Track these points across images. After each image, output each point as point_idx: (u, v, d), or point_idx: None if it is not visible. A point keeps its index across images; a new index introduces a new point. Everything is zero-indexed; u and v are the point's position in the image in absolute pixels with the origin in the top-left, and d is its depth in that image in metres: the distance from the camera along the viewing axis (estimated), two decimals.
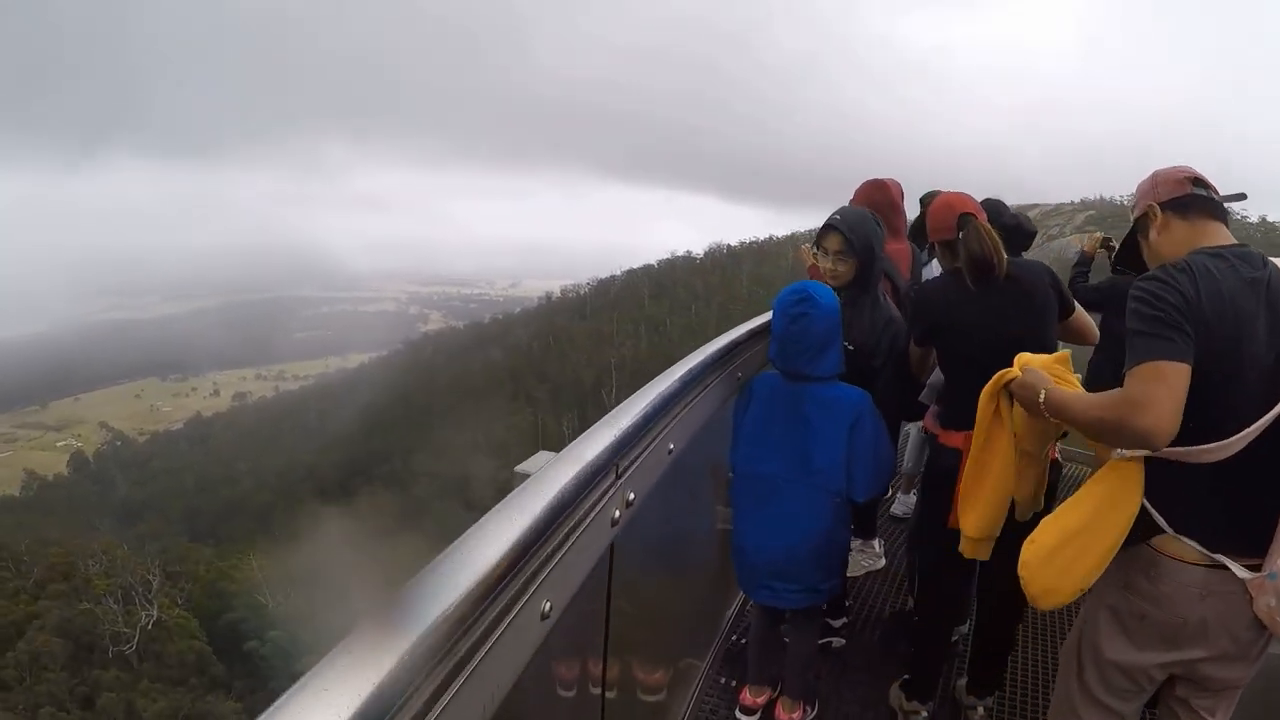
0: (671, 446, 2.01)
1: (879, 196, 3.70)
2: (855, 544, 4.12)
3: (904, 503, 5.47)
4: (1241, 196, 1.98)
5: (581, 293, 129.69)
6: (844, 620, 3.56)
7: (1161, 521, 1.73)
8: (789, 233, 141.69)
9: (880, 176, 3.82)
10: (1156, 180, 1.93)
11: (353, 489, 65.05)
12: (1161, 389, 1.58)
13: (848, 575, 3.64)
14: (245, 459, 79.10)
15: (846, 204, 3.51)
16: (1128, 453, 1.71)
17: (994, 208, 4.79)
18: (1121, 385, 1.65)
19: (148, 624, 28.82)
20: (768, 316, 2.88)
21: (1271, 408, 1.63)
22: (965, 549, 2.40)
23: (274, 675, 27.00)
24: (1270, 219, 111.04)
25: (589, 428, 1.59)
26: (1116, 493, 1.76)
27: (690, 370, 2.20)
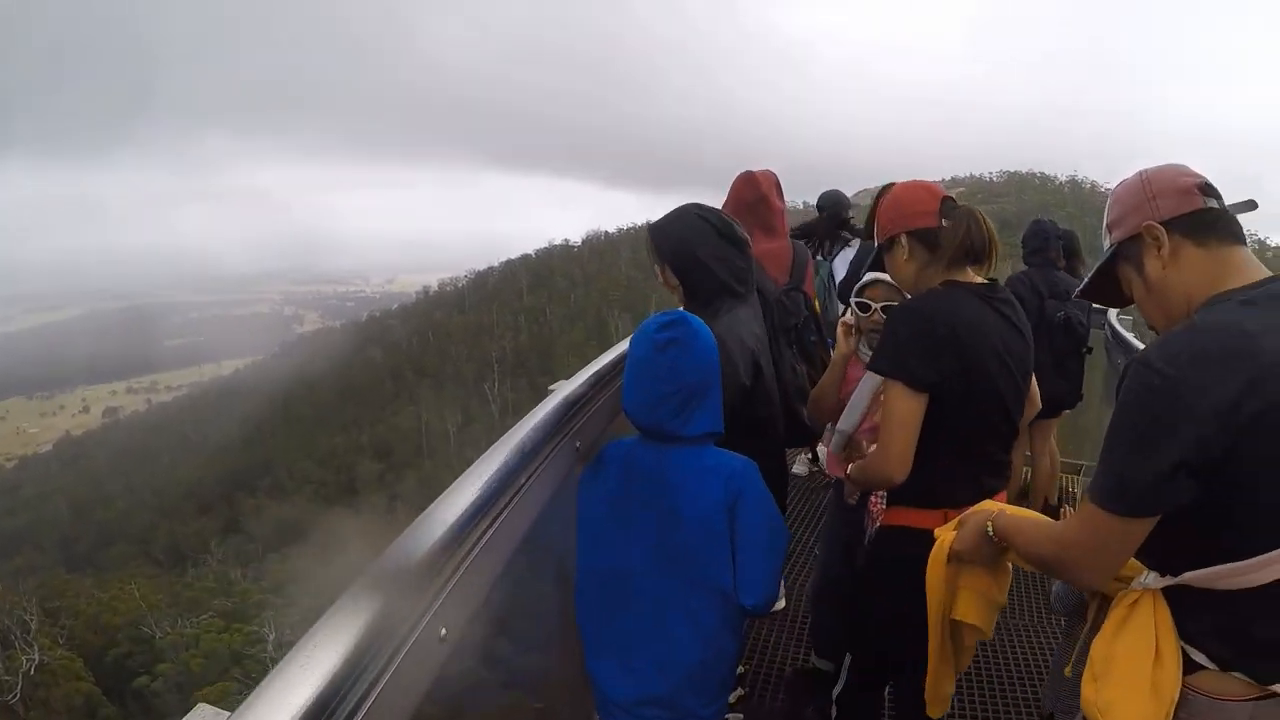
0: (492, 571, 1.59)
1: (747, 192, 3.29)
2: None
3: (803, 463, 5.17)
4: (1251, 205, 1.48)
5: (460, 286, 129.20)
6: (739, 692, 3.10)
7: (1201, 657, 1.33)
8: None
9: (753, 168, 3.39)
10: (1151, 186, 1.43)
11: (236, 503, 64.24)
12: (1106, 545, 1.31)
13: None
14: (120, 479, 76.51)
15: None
16: (1151, 582, 1.37)
17: (834, 200, 5.25)
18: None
19: (30, 669, 26.93)
20: (614, 354, 2.57)
21: None
22: (934, 712, 2.08)
23: (169, 712, 25.92)
24: (1079, 177, 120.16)
25: (406, 533, 1.31)
26: (1148, 634, 1.36)
27: (511, 458, 1.75)
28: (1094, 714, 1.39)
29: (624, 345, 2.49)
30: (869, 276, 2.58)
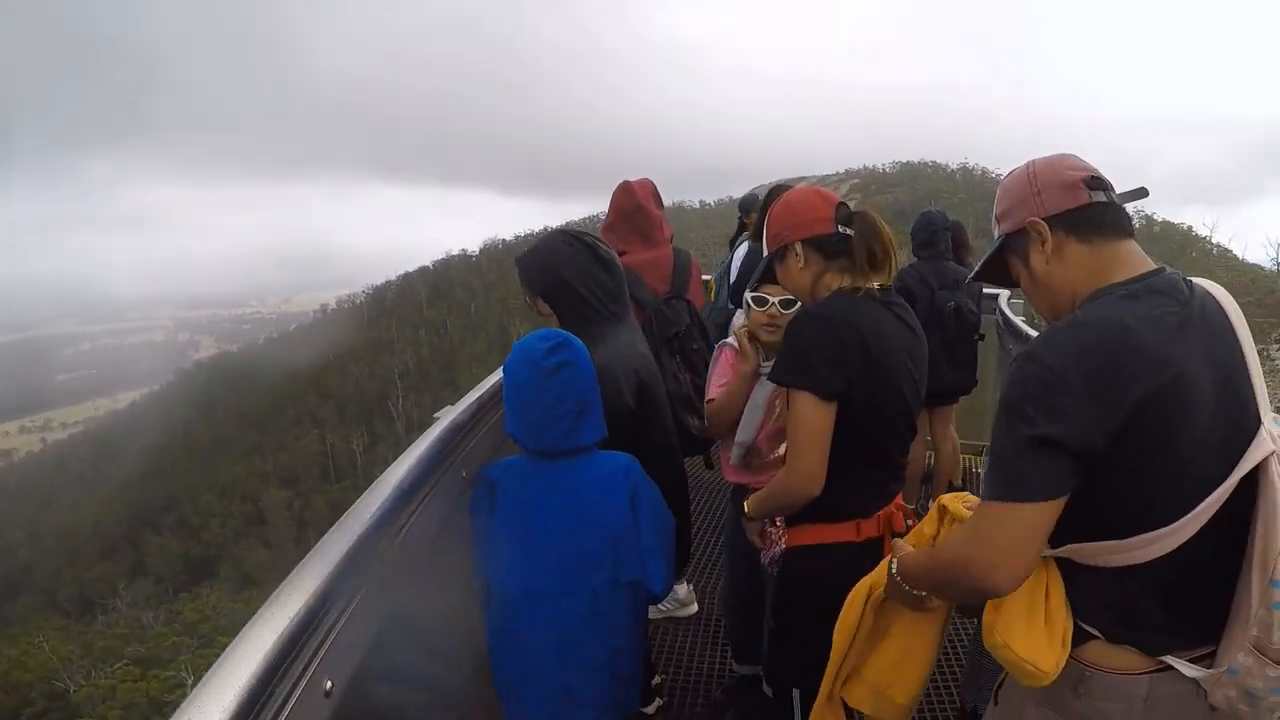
0: (377, 614, 1.52)
1: (625, 201, 3.36)
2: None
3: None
4: (1142, 193, 1.44)
5: (358, 302, 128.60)
6: (658, 702, 3.09)
7: (1093, 629, 1.38)
8: (564, 221, 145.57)
9: (632, 177, 3.43)
10: (1037, 179, 1.44)
11: (141, 543, 63.55)
12: (1015, 536, 1.29)
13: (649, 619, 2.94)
14: (19, 525, 74.52)
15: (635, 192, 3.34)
16: (1047, 550, 1.37)
17: (749, 200, 5.39)
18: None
19: None
20: (496, 378, 2.48)
21: (1219, 481, 1.28)
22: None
23: None
24: (970, 164, 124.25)
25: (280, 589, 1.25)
26: (1039, 595, 1.40)
27: (395, 493, 1.68)
28: (993, 633, 1.40)
29: (489, 382, 2.56)
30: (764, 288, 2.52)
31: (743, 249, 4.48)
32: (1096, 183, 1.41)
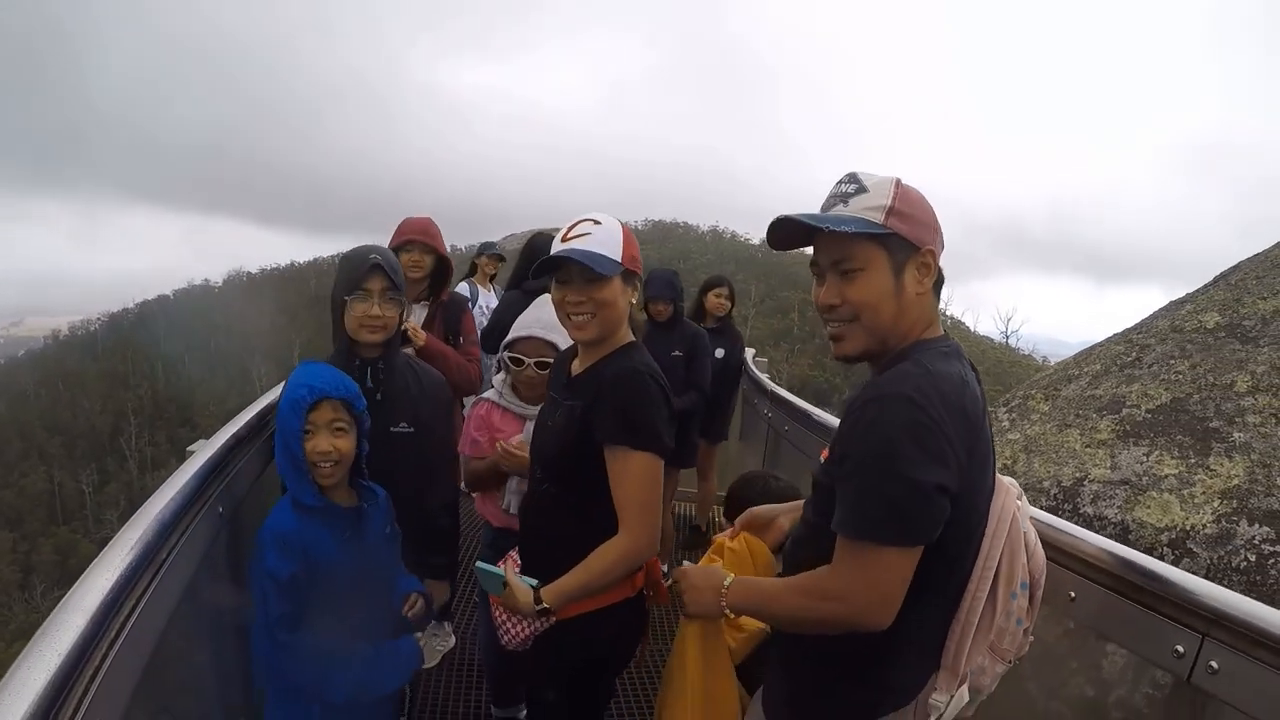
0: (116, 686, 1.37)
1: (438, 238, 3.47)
2: (429, 628, 3.59)
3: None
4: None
5: (92, 329, 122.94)
6: None
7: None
8: (312, 257, 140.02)
9: (414, 213, 3.44)
10: (936, 222, 1.48)
11: None
12: (891, 578, 1.34)
13: (424, 667, 3.25)
14: None
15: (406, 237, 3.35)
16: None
17: (487, 245, 6.23)
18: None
19: None
20: (254, 411, 2.56)
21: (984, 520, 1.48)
22: None
23: None
24: (720, 228, 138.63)
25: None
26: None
27: (149, 534, 1.62)
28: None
29: (266, 400, 2.59)
30: (522, 332, 2.56)
31: (490, 296, 5.27)
32: None
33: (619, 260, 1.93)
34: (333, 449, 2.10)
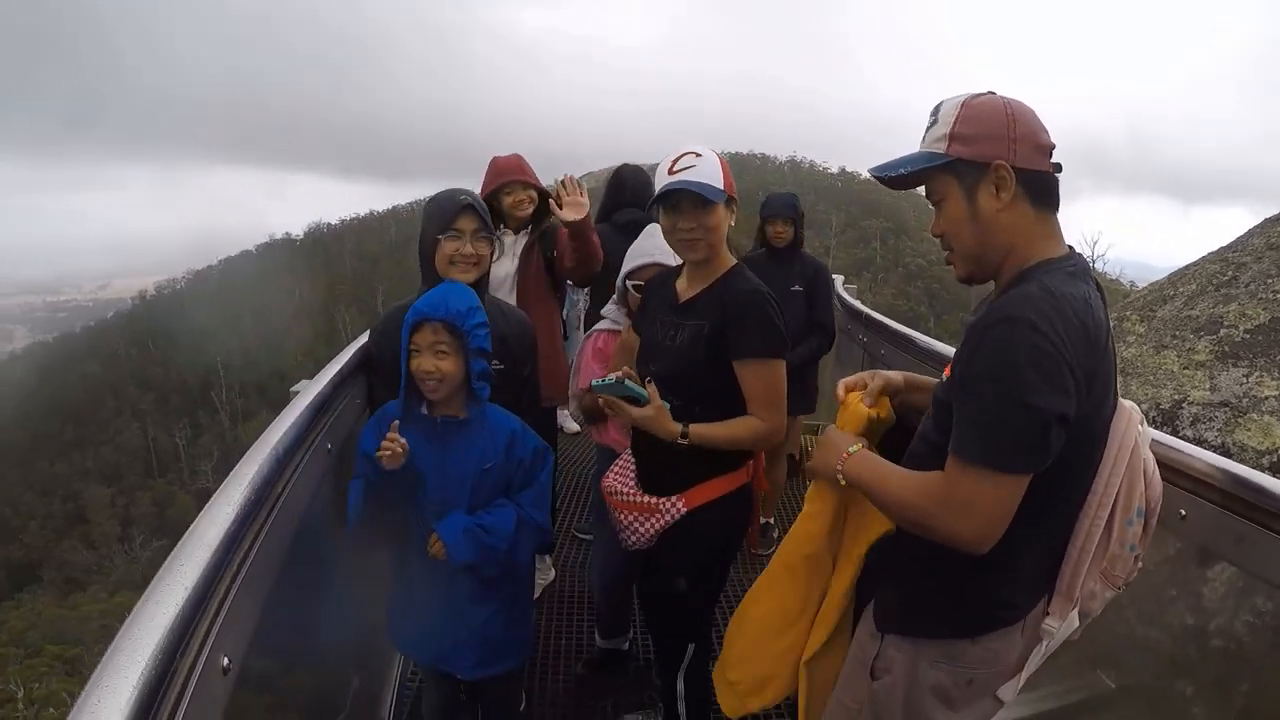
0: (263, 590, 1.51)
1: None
2: None
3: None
4: (1058, 167, 1.43)
5: (178, 288, 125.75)
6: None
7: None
8: (390, 205, 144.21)
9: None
10: (1015, 128, 1.39)
11: None
12: (1004, 504, 1.32)
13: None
14: None
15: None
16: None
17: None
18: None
19: None
20: (352, 350, 2.64)
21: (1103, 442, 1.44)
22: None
23: None
24: (849, 169, 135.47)
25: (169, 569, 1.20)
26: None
27: (266, 466, 1.64)
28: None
29: (360, 341, 2.67)
30: (643, 260, 2.74)
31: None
32: (1051, 152, 1.41)
33: (723, 189, 2.12)
34: (435, 369, 2.17)
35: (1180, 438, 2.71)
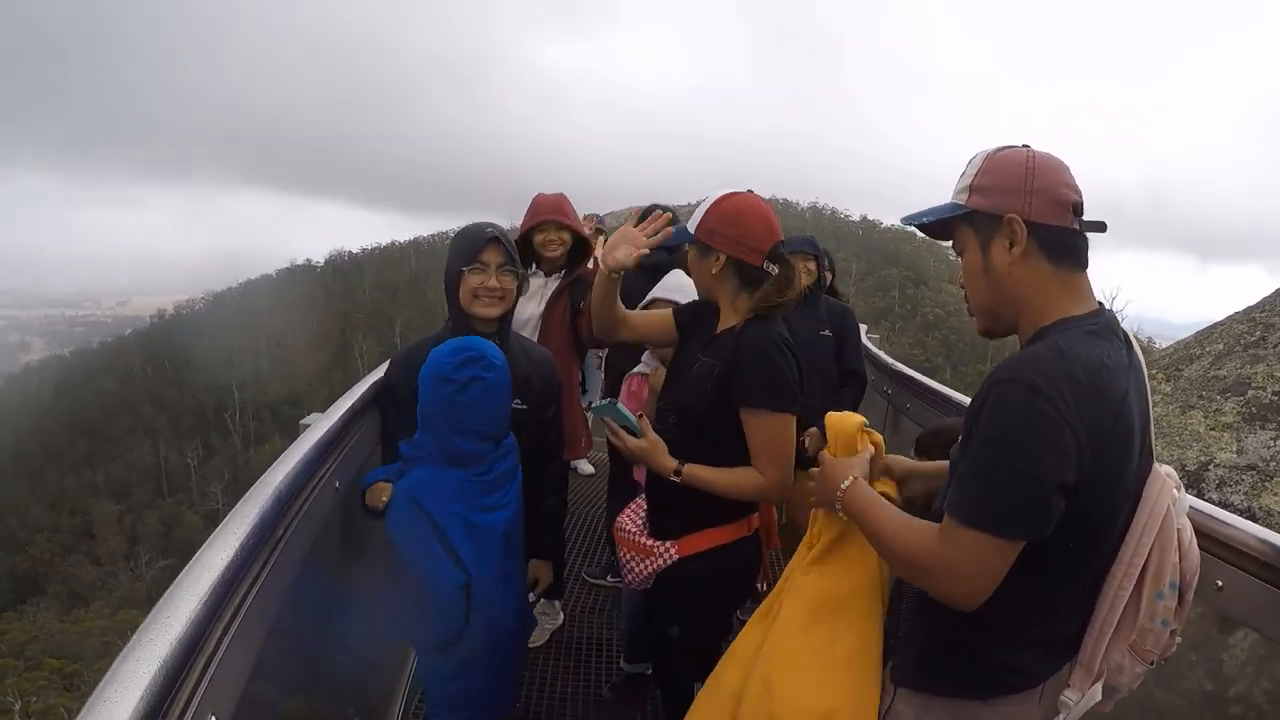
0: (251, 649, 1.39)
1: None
2: (539, 606, 3.68)
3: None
4: (1101, 227, 1.41)
5: (197, 308, 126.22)
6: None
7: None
8: (412, 237, 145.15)
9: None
10: (1033, 180, 1.37)
11: None
12: (991, 568, 1.30)
13: (533, 645, 3.51)
14: None
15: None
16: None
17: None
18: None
19: None
20: (366, 385, 2.55)
21: (1127, 510, 1.39)
22: None
23: None
24: (870, 217, 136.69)
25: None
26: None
27: (272, 503, 1.59)
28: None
29: (375, 376, 2.60)
30: (656, 293, 2.86)
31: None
32: (1080, 209, 1.38)
33: (692, 231, 2.10)
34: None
35: (1205, 500, 2.74)
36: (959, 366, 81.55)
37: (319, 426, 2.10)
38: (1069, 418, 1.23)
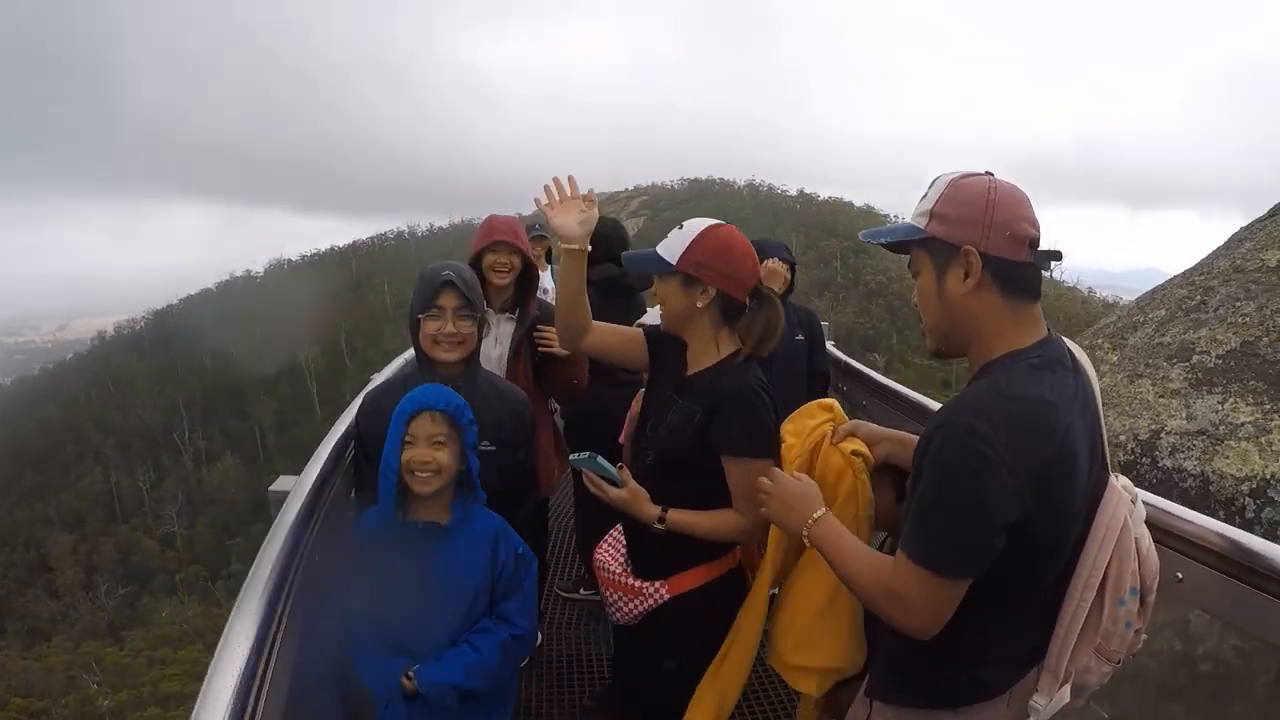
0: None
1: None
2: None
3: None
4: (1057, 256, 1.46)
5: (138, 328, 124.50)
6: None
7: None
8: (351, 241, 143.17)
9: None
10: (992, 212, 1.39)
11: None
12: (941, 603, 1.37)
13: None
14: None
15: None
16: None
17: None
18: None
19: None
20: (333, 442, 2.51)
21: (1081, 523, 1.43)
22: None
23: None
24: (808, 191, 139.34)
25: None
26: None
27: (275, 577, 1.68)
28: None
29: (340, 430, 2.59)
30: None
31: (547, 278, 4.66)
32: (1036, 244, 1.41)
33: (673, 261, 2.06)
34: (431, 459, 2.14)
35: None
36: (904, 331, 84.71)
37: (290, 507, 2.06)
38: (1006, 459, 1.26)
